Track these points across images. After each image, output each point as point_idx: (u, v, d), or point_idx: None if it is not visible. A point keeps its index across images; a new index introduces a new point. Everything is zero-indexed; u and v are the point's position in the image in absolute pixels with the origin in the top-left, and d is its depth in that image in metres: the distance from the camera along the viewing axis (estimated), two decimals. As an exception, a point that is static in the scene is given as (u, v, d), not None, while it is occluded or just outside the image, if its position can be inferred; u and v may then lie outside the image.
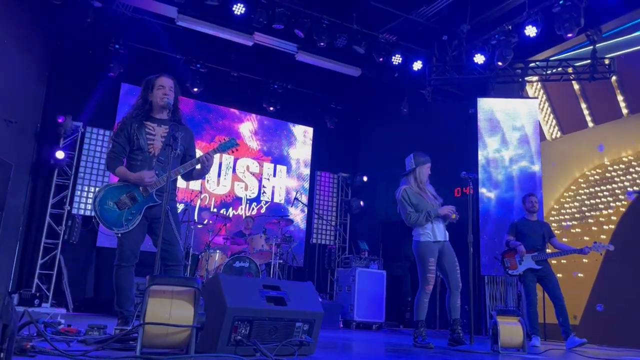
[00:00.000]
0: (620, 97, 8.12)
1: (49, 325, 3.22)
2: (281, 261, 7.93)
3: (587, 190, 8.37)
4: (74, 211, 8.30)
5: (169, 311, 2.44)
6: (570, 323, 5.79)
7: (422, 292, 4.71)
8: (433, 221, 4.75)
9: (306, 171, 10.91)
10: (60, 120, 8.01)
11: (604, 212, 8.00)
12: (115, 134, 3.70)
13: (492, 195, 8.12)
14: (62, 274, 8.04)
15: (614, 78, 7.98)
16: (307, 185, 10.86)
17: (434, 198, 4.91)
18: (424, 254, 4.72)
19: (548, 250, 6.10)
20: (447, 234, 4.85)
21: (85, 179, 8.49)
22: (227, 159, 10.04)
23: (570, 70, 8.18)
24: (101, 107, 8.85)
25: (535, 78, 8.64)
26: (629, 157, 7.91)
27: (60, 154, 8.01)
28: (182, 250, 3.70)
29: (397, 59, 8.46)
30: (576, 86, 8.68)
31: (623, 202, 7.77)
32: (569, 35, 6.93)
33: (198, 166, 3.72)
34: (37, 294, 7.26)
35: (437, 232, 4.75)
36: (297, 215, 10.47)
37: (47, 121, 8.34)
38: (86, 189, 8.46)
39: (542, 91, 9.29)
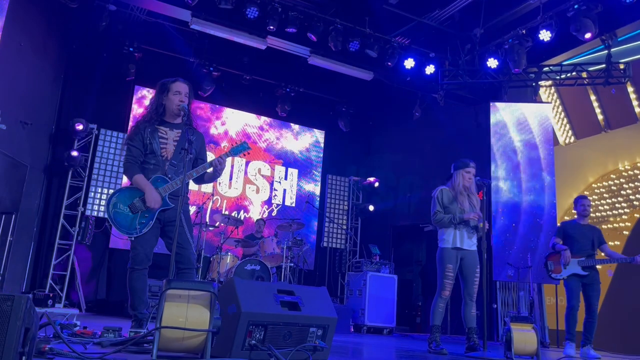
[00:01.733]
0: (635, 102, 8.05)
1: (65, 327, 3.25)
2: (292, 264, 7.93)
3: (601, 196, 8.30)
4: (88, 212, 8.36)
5: (185, 315, 2.45)
6: (581, 330, 5.72)
7: (438, 297, 4.73)
8: (457, 227, 4.74)
9: (317, 174, 10.92)
10: (78, 127, 8.07)
11: (618, 218, 7.92)
12: (130, 137, 3.70)
13: (503, 200, 8.08)
14: (75, 275, 8.10)
15: (628, 83, 7.91)
16: (318, 188, 10.87)
17: (472, 207, 4.85)
18: (443, 260, 4.76)
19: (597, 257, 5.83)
20: (475, 243, 4.81)
21: (98, 180, 8.55)
22: (239, 161, 10.07)
23: (584, 74, 8.12)
24: (115, 110, 8.93)
25: (548, 82, 8.59)
26: (644, 163, 7.83)
27: (74, 152, 8.11)
28: (194, 254, 3.71)
29: (409, 63, 8.44)
30: (590, 91, 8.61)
31: (637, 208, 7.69)
32: (587, 36, 6.86)
33: (210, 169, 3.73)
34: (51, 295, 7.31)
35: (457, 239, 4.75)
36: (308, 218, 10.47)
37: (61, 123, 8.42)
38: (100, 191, 8.53)
39: (555, 96, 9.23)
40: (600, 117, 8.55)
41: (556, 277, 5.77)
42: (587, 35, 6.87)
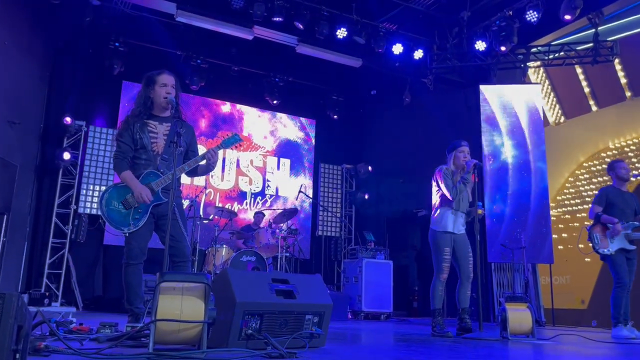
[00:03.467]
0: (623, 80, 8.08)
1: (60, 324, 3.25)
2: (287, 254, 7.95)
3: (593, 174, 8.35)
4: (80, 210, 8.33)
5: (180, 307, 2.45)
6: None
7: (436, 280, 4.71)
8: (455, 213, 4.75)
9: (310, 163, 10.91)
10: (68, 121, 8.01)
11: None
12: (119, 133, 3.68)
13: (495, 181, 8.10)
14: (70, 273, 8.08)
15: (616, 61, 7.93)
16: (311, 177, 10.86)
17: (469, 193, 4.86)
18: (439, 243, 4.75)
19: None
20: (465, 226, 4.82)
21: (90, 177, 8.51)
22: (231, 153, 10.05)
23: (572, 54, 8.13)
24: (103, 106, 8.88)
25: (537, 63, 8.60)
26: (634, 140, 7.89)
27: (67, 155, 8.05)
28: (189, 247, 3.70)
29: (397, 48, 8.41)
30: (579, 70, 8.63)
31: (628, 185, 7.75)
32: (568, 17, 6.87)
33: (203, 162, 3.71)
34: (47, 294, 7.30)
35: (451, 224, 4.75)
36: (302, 207, 10.48)
37: (50, 121, 8.35)
38: (91, 188, 8.49)
39: (544, 76, 9.25)
40: (589, 96, 8.58)
41: (604, 252, 5.16)
42: (567, 17, 6.88)
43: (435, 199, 4.91)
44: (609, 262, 5.17)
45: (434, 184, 4.91)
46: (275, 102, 10.06)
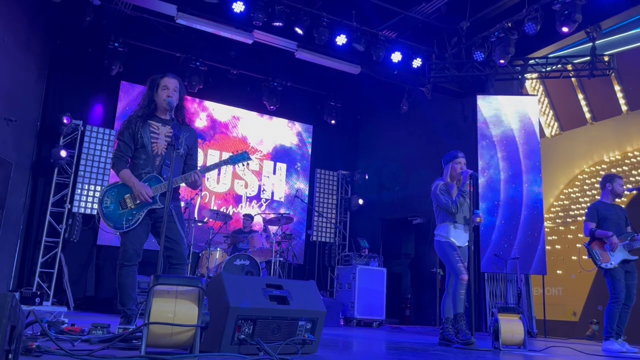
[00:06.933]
0: (619, 94, 8.13)
1: (52, 324, 3.23)
2: (281, 259, 7.94)
3: (587, 187, 8.39)
4: (75, 209, 8.29)
5: (174, 311, 2.45)
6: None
7: (458, 284, 4.63)
8: (456, 226, 4.76)
9: (306, 169, 10.92)
10: (66, 121, 8.00)
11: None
12: (120, 132, 3.71)
13: (490, 192, 8.13)
14: (62, 273, 8.04)
15: (613, 75, 7.99)
16: (307, 182, 10.87)
17: (463, 197, 4.87)
18: (447, 250, 4.76)
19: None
20: (467, 240, 4.81)
21: (85, 177, 8.47)
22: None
23: (569, 67, 8.19)
24: (101, 105, 8.86)
25: (534, 75, 8.65)
26: (629, 154, 7.93)
27: (63, 153, 8.02)
28: (187, 249, 3.72)
29: (396, 56, 8.45)
30: (576, 83, 8.69)
31: (623, 199, 7.79)
32: (566, 29, 6.91)
33: (189, 180, 3.73)
34: (38, 293, 7.26)
35: (451, 236, 4.76)
36: (297, 212, 10.47)
37: (47, 120, 8.34)
38: (86, 188, 8.45)
39: (541, 88, 9.30)
40: (585, 109, 8.63)
41: (607, 266, 5.09)
42: (565, 30, 6.93)
43: (437, 214, 4.96)
44: (609, 277, 5.13)
45: (433, 199, 4.95)
46: (273, 106, 10.07)
